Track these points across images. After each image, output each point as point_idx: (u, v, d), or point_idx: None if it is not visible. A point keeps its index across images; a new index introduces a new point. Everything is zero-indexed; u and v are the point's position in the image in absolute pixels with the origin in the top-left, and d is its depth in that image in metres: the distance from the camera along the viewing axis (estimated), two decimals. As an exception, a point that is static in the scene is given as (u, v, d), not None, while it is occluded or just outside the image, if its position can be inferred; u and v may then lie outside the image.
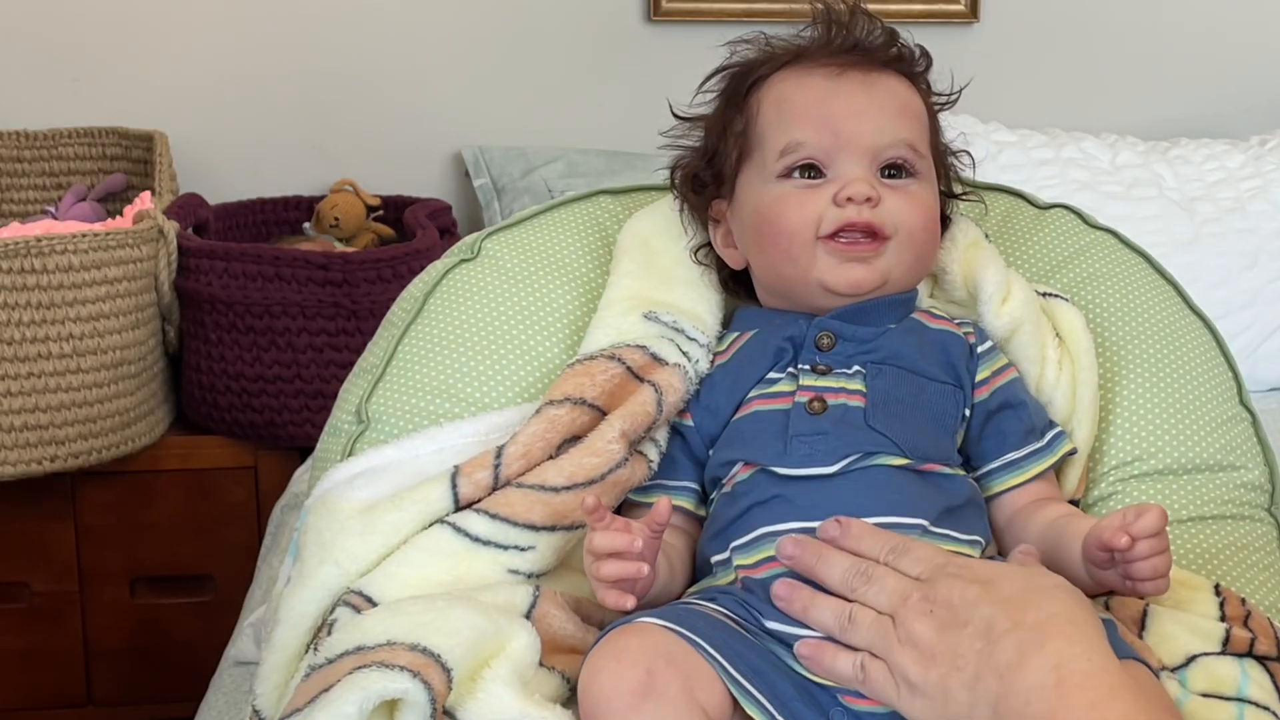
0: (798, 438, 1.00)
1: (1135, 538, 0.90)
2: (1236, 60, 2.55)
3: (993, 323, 1.10)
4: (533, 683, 0.90)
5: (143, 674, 2.11)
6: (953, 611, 0.86)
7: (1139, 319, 1.19)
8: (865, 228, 1.04)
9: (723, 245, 1.14)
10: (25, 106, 2.29)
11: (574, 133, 2.41)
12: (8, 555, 2.05)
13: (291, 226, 2.29)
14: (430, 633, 0.88)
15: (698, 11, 2.41)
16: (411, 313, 1.18)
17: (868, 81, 1.08)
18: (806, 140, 1.05)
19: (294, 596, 0.99)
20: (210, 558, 2.08)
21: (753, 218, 1.09)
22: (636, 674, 0.85)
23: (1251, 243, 2.16)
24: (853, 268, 1.04)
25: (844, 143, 1.05)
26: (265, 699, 0.98)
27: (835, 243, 1.04)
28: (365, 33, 2.37)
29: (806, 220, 1.05)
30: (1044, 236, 1.25)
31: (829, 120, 1.06)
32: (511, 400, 1.13)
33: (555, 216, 1.24)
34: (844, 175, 1.05)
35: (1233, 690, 0.92)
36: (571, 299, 1.18)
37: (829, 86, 1.07)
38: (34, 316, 1.86)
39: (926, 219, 1.07)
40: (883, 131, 1.06)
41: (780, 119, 1.07)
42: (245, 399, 2.03)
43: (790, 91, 1.08)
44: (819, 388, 1.03)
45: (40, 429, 1.89)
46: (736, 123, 1.10)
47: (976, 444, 1.06)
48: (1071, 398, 1.11)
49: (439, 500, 1.01)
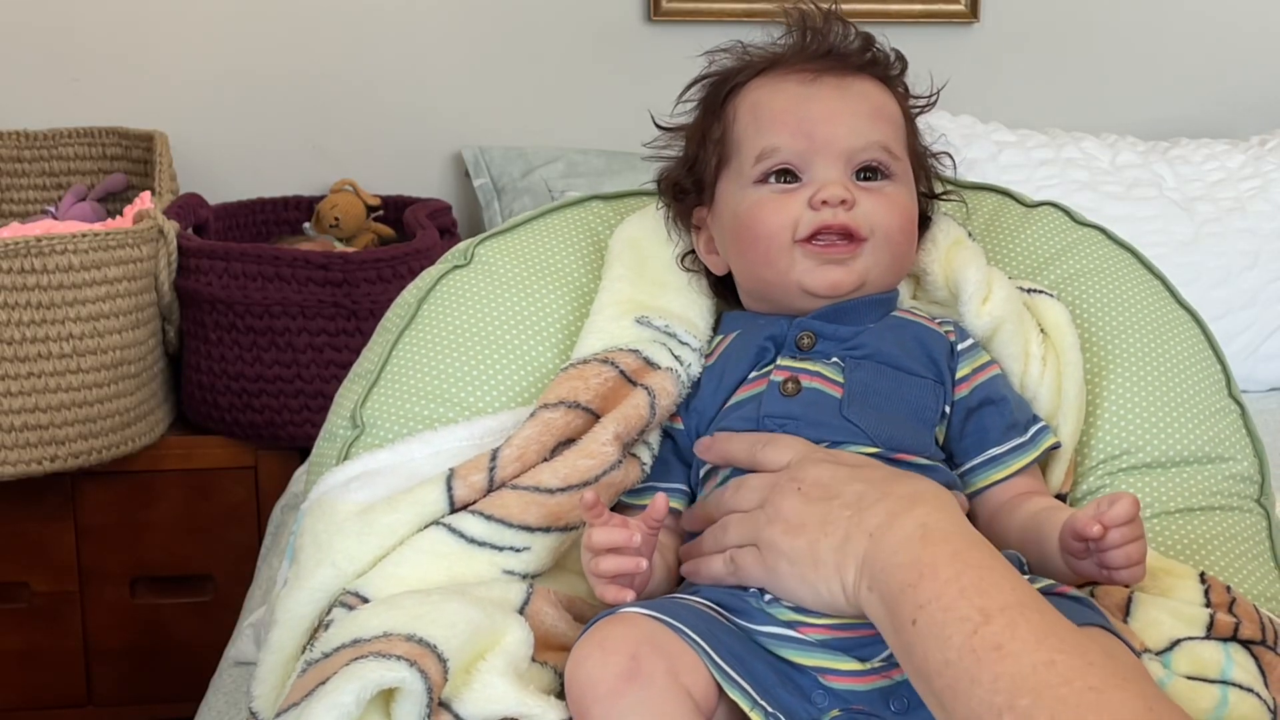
0: (769, 418, 1.02)
1: (1108, 526, 0.91)
2: (1236, 60, 2.55)
3: (974, 322, 1.11)
4: (526, 675, 0.91)
5: (143, 674, 2.11)
6: (822, 487, 0.90)
7: (1126, 313, 1.20)
8: (841, 230, 1.05)
9: (705, 252, 1.15)
10: (25, 106, 2.30)
11: (574, 133, 2.41)
12: (8, 555, 2.05)
13: (291, 226, 2.29)
14: (426, 624, 0.88)
15: (698, 11, 2.41)
16: (406, 318, 1.18)
17: (842, 86, 1.09)
18: (781, 145, 1.07)
19: (291, 598, 1.00)
20: (210, 558, 2.09)
21: (732, 223, 1.10)
22: (621, 660, 0.85)
23: (1251, 243, 2.16)
24: (830, 270, 1.06)
25: (818, 146, 1.06)
26: (262, 700, 0.98)
27: (812, 245, 1.06)
28: (365, 33, 2.37)
29: (783, 224, 1.06)
30: (1032, 234, 1.25)
31: (803, 125, 1.07)
32: (505, 404, 1.13)
33: (548, 222, 1.25)
34: (819, 179, 1.06)
35: (1216, 673, 0.93)
36: (564, 304, 1.18)
37: (803, 92, 1.09)
38: (34, 316, 1.86)
39: (903, 220, 1.08)
40: (857, 134, 1.07)
41: (756, 125, 1.09)
42: (245, 399, 2.03)
43: (765, 98, 1.10)
44: (795, 368, 1.04)
45: (40, 429, 1.89)
46: (714, 130, 1.12)
47: (958, 440, 1.07)
48: (1056, 393, 1.12)
49: (434, 502, 1.02)
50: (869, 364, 1.05)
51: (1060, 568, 0.96)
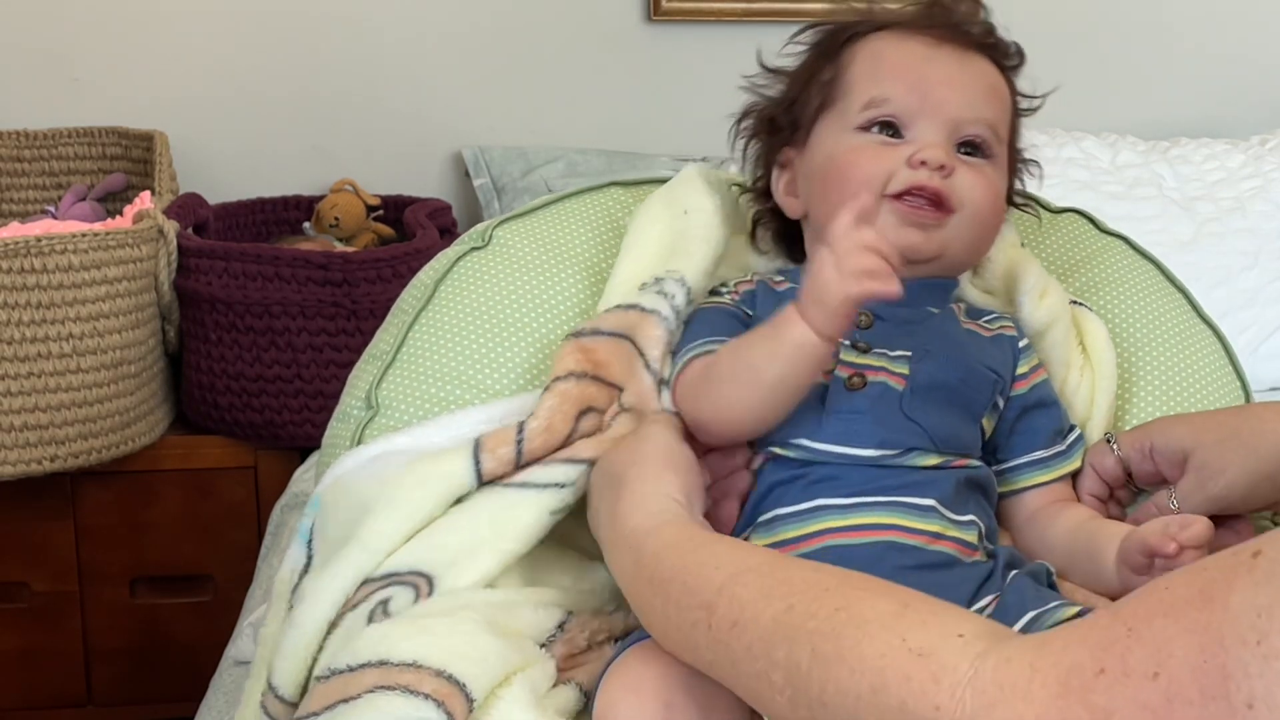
0: (833, 414, 1.00)
1: (1183, 546, 0.90)
2: (1236, 60, 2.55)
3: (1032, 314, 1.10)
4: (546, 699, 0.90)
5: (143, 674, 2.11)
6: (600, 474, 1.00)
7: (1151, 327, 1.20)
8: (934, 194, 1.02)
9: (784, 193, 1.12)
10: (25, 106, 2.29)
11: (574, 133, 2.41)
12: (8, 555, 2.05)
13: (291, 226, 2.28)
14: (458, 660, 0.86)
15: (698, 11, 2.40)
16: (422, 299, 1.18)
17: (963, 58, 1.07)
18: (893, 97, 1.05)
19: (320, 578, 0.98)
20: (210, 558, 2.08)
21: (823, 165, 1.07)
22: (655, 708, 0.84)
23: (1251, 243, 2.16)
24: (911, 232, 1.03)
25: (929, 107, 1.04)
26: (283, 676, 0.97)
27: (900, 203, 1.03)
28: (365, 33, 2.37)
29: (877, 174, 1.03)
30: (1055, 240, 1.25)
31: (920, 82, 1.05)
32: (522, 387, 1.13)
33: (566, 206, 1.24)
34: (921, 139, 1.04)
35: None
36: (582, 288, 1.18)
37: (925, 53, 1.07)
38: (34, 316, 1.86)
39: (994, 202, 1.06)
40: (969, 106, 1.05)
41: (872, 72, 1.07)
42: (245, 399, 2.03)
43: (886, 48, 1.08)
44: (859, 364, 1.02)
45: (40, 429, 1.89)
46: (825, 72, 1.10)
47: (1007, 436, 1.06)
48: (1089, 405, 1.12)
49: (462, 474, 1.00)
50: (937, 355, 1.03)
51: (1112, 579, 0.96)
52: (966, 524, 0.98)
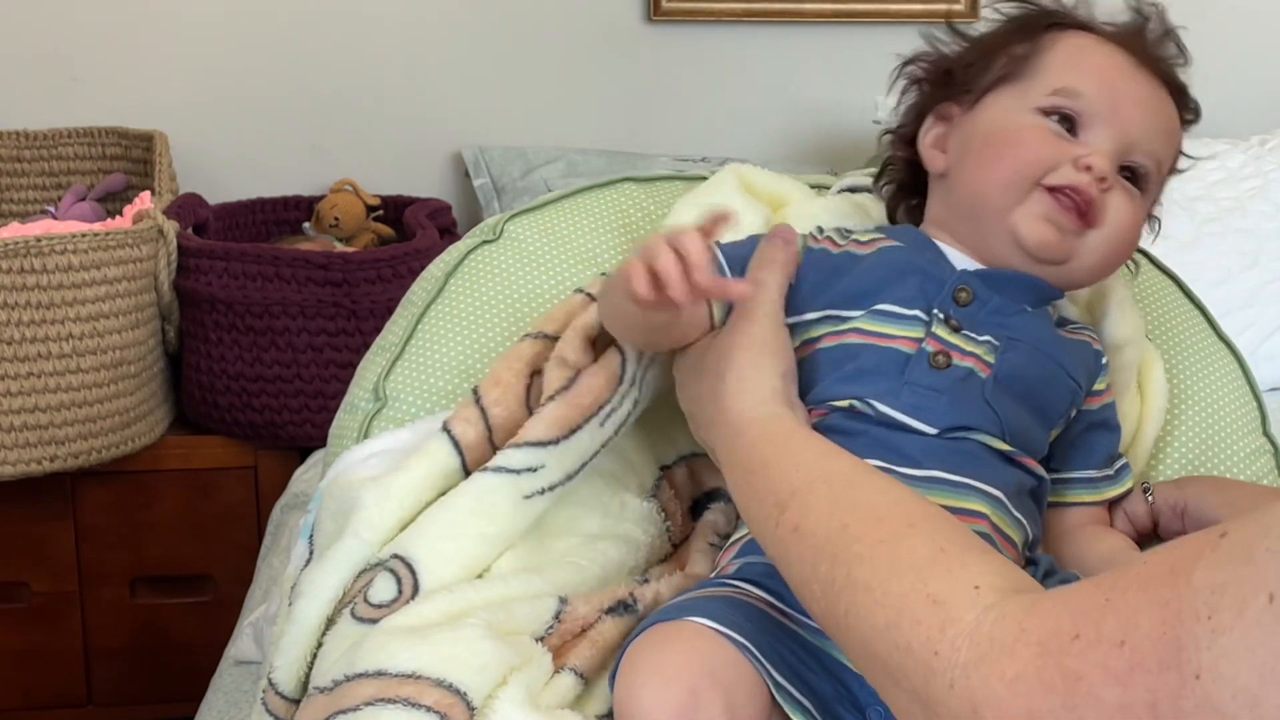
0: (911, 385, 0.99)
1: None
2: (1236, 60, 2.55)
3: (1116, 327, 1.11)
4: (543, 695, 0.90)
5: (143, 674, 2.11)
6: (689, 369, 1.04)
7: (1171, 346, 1.20)
8: (1087, 202, 1.02)
9: (931, 145, 1.11)
10: (25, 106, 2.29)
11: (574, 133, 2.41)
12: (8, 555, 2.05)
13: (291, 226, 2.29)
14: (458, 667, 0.86)
15: (698, 11, 2.40)
16: (432, 292, 1.18)
17: (1157, 90, 1.08)
18: (1086, 94, 1.04)
19: (317, 571, 0.99)
20: (210, 558, 2.08)
21: (990, 133, 1.06)
22: (679, 694, 0.84)
23: (1251, 243, 2.16)
24: (1047, 228, 1.02)
25: (1114, 117, 1.04)
26: (283, 672, 0.97)
27: (1052, 197, 1.02)
28: (365, 33, 2.37)
29: (1043, 159, 1.02)
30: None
31: (1113, 90, 1.05)
32: None
33: (579, 201, 1.24)
34: (1094, 144, 1.03)
35: None
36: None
37: (1127, 67, 1.07)
38: (34, 316, 1.86)
39: (1134, 231, 1.06)
40: (1147, 132, 1.06)
41: (1071, 62, 1.06)
42: (245, 399, 2.03)
43: (1093, 48, 1.08)
44: (949, 343, 1.01)
45: (40, 429, 1.89)
46: (1019, 47, 1.09)
47: (1069, 448, 1.06)
48: (1134, 435, 1.13)
49: (443, 454, 1.01)
50: (1024, 349, 1.02)
51: None
52: (1015, 523, 0.98)
